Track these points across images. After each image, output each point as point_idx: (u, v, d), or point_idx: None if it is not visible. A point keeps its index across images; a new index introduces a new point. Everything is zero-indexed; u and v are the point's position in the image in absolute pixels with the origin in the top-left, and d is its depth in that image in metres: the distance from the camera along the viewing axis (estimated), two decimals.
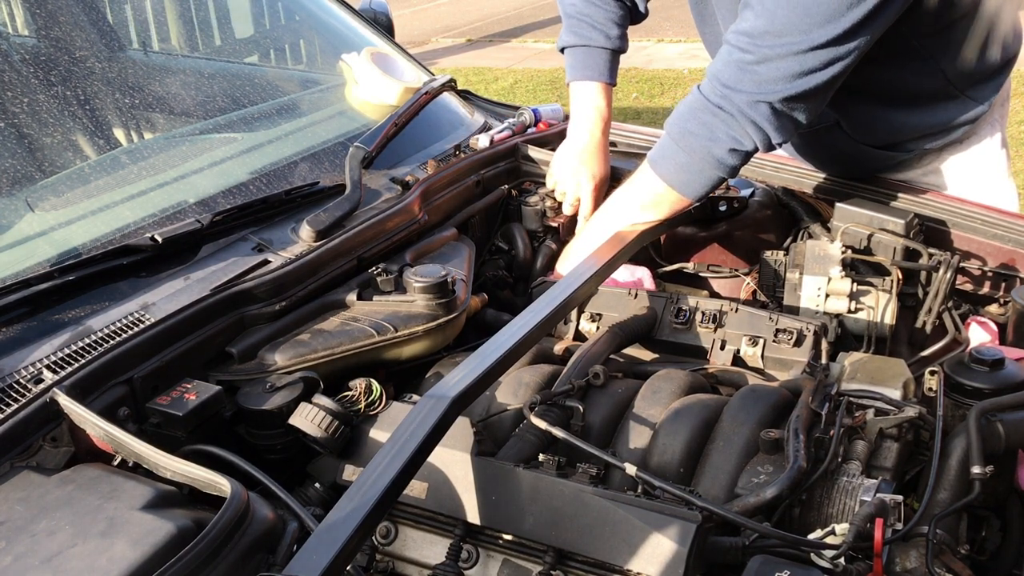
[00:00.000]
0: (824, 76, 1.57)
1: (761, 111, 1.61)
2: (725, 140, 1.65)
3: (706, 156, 1.68)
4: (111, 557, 0.95)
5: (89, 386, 1.21)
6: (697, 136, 1.68)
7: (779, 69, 1.58)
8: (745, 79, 1.62)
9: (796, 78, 1.58)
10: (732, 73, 1.64)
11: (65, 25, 2.07)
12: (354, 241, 1.62)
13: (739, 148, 1.66)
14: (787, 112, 1.62)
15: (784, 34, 1.56)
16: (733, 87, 1.63)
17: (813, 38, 1.54)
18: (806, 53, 1.55)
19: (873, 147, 1.91)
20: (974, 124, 1.91)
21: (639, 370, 1.54)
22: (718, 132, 1.65)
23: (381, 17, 2.61)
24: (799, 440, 1.20)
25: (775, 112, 1.61)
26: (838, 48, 1.54)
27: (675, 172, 1.72)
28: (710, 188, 1.74)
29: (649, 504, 1.11)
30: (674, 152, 1.71)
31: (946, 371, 1.39)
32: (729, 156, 1.67)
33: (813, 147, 2.02)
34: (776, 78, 1.59)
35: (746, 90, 1.62)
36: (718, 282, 2.01)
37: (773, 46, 1.57)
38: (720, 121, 1.65)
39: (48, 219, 1.56)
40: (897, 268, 1.74)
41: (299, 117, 2.06)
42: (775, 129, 1.63)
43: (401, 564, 1.27)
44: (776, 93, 1.60)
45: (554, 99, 7.28)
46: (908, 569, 1.15)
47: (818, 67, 1.56)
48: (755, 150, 1.68)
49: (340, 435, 1.29)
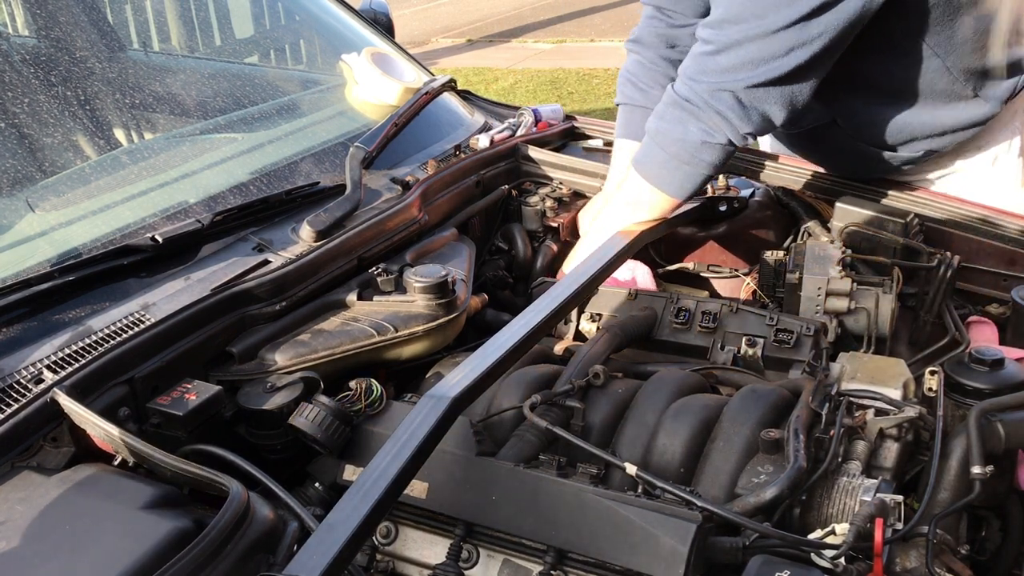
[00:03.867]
0: (787, 64, 1.56)
1: (724, 100, 1.61)
2: (696, 133, 1.65)
3: (681, 152, 1.68)
4: (112, 557, 0.95)
5: (89, 386, 1.21)
6: (671, 132, 1.68)
7: (738, 56, 1.58)
8: (707, 69, 1.63)
9: (757, 65, 1.57)
10: (695, 64, 1.65)
11: (65, 25, 2.07)
12: (354, 241, 1.62)
13: (711, 140, 1.65)
14: (754, 104, 1.61)
15: (741, 20, 1.57)
16: (696, 78, 1.64)
17: (769, 23, 1.54)
18: (764, 39, 1.55)
19: (876, 147, 1.89)
20: (987, 127, 1.88)
21: (639, 370, 1.54)
22: (689, 126, 1.66)
23: (381, 17, 2.61)
24: (799, 440, 1.20)
25: (739, 102, 1.61)
26: (799, 34, 1.53)
27: (656, 171, 1.73)
28: (694, 186, 1.73)
29: (649, 504, 1.11)
30: (653, 150, 1.72)
31: (946, 371, 1.39)
32: (704, 150, 1.67)
33: (815, 146, 2.01)
34: (736, 66, 1.59)
35: (707, 80, 1.63)
36: (718, 282, 2.01)
37: (731, 33, 1.58)
38: (688, 114, 1.66)
39: (48, 219, 1.56)
40: (897, 268, 1.74)
41: (299, 117, 2.06)
42: (740, 119, 1.62)
43: (401, 564, 1.27)
44: (738, 82, 1.59)
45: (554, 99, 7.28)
46: (908, 569, 1.15)
47: (779, 53, 1.55)
48: (729, 144, 1.67)
49: (340, 435, 1.29)
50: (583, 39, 9.71)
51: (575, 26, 10.35)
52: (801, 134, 1.98)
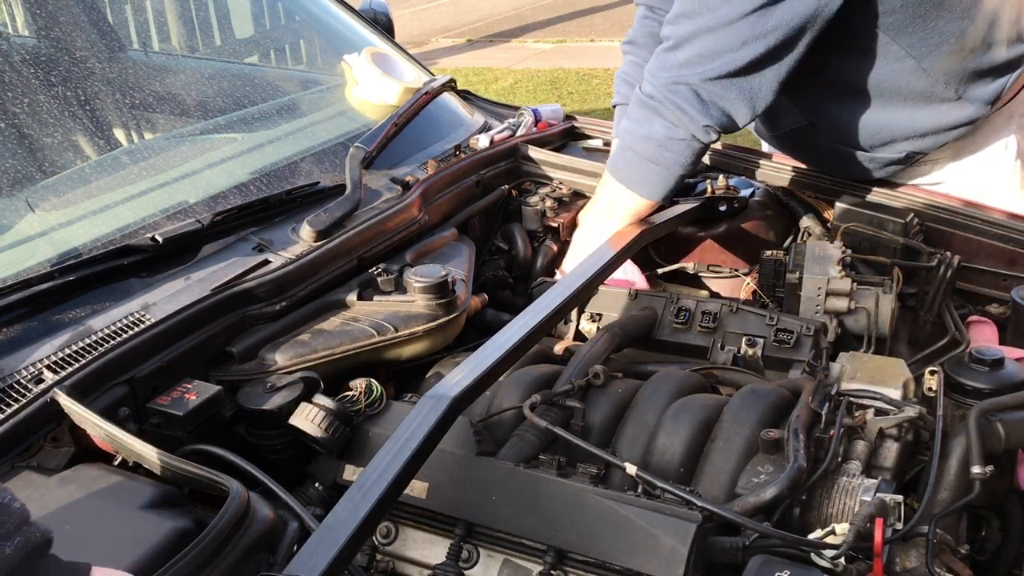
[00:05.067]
0: (741, 58, 1.57)
1: (682, 93, 1.62)
2: (659, 128, 1.66)
3: (648, 150, 1.69)
4: (112, 557, 0.95)
5: (89, 386, 1.21)
6: (638, 131, 1.70)
7: (693, 49, 1.59)
8: (665, 64, 1.65)
9: (712, 58, 1.58)
10: (656, 61, 1.68)
11: (65, 25, 2.07)
12: (354, 241, 1.62)
13: (673, 135, 1.66)
14: (712, 99, 1.61)
15: (695, 14, 1.58)
16: (656, 74, 1.67)
17: (721, 15, 1.55)
18: (717, 31, 1.56)
19: (855, 149, 1.88)
20: (982, 130, 1.87)
21: (639, 370, 1.54)
22: (654, 123, 1.67)
23: (381, 17, 2.61)
24: (799, 440, 1.20)
25: (697, 96, 1.62)
26: (752, 27, 1.54)
27: (627, 172, 1.73)
28: (666, 187, 1.73)
29: (649, 504, 1.11)
30: (623, 150, 1.73)
31: (946, 371, 1.39)
32: (669, 146, 1.67)
33: (799, 149, 2.01)
34: (691, 59, 1.60)
35: (665, 75, 1.64)
36: (718, 282, 2.01)
37: (686, 27, 1.60)
38: (652, 111, 1.67)
39: (48, 219, 1.56)
40: (897, 268, 1.74)
41: (299, 117, 2.06)
42: (699, 112, 1.62)
43: (401, 564, 1.27)
44: (695, 75, 1.60)
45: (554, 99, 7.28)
46: (908, 569, 1.15)
47: (733, 47, 1.56)
48: (691, 139, 1.66)
49: (340, 435, 1.29)
50: (583, 39, 9.71)
51: (575, 26, 10.35)
52: (784, 136, 1.98)
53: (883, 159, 1.88)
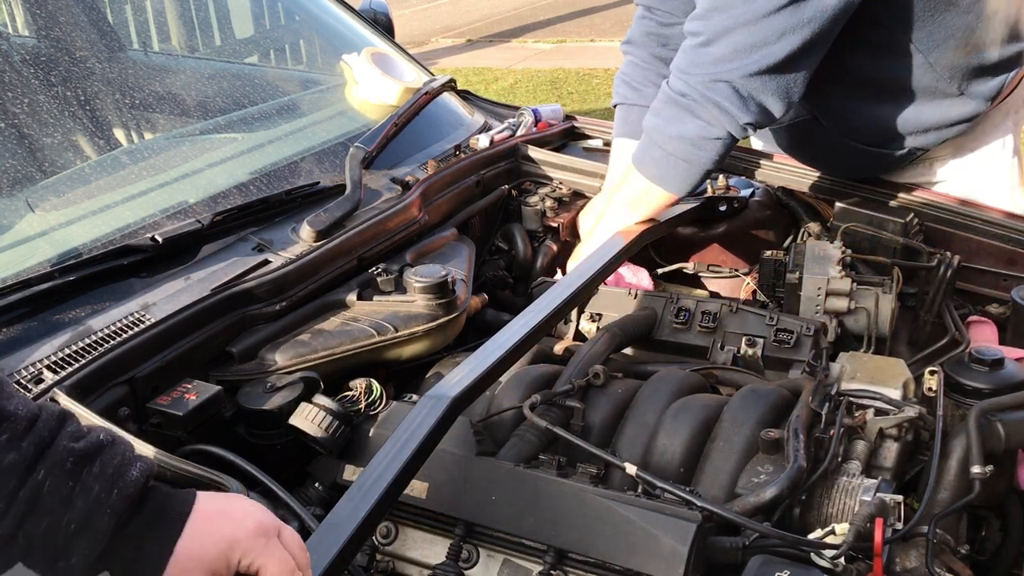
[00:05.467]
0: (781, 50, 1.55)
1: (721, 91, 1.60)
2: (693, 128, 1.64)
3: (679, 149, 1.67)
4: None
5: (89, 386, 1.21)
6: (667, 129, 1.67)
7: (730, 44, 1.57)
8: (700, 60, 1.61)
9: (749, 52, 1.56)
10: (688, 58, 1.64)
11: (65, 25, 2.07)
12: (354, 241, 1.62)
13: (708, 135, 1.64)
14: (752, 94, 1.59)
15: (729, 7, 1.56)
16: (689, 71, 1.63)
17: (758, 7, 1.53)
18: (754, 24, 1.54)
19: (858, 143, 1.88)
20: (980, 127, 1.88)
21: (639, 370, 1.55)
22: (685, 121, 1.64)
23: (381, 17, 2.61)
24: (799, 440, 1.20)
25: (736, 92, 1.59)
26: (788, 19, 1.52)
27: (654, 168, 1.72)
28: (694, 182, 1.72)
29: (649, 504, 1.11)
30: (651, 148, 1.71)
31: (946, 371, 1.39)
32: (701, 146, 1.65)
33: (799, 143, 2.00)
34: (729, 55, 1.57)
35: (701, 72, 1.61)
36: (718, 282, 2.01)
37: (720, 21, 1.57)
38: (684, 109, 1.64)
39: (48, 219, 1.56)
40: (897, 268, 1.74)
41: (299, 117, 2.06)
42: (740, 109, 1.60)
43: (401, 564, 1.27)
44: (733, 71, 1.58)
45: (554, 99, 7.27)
46: (908, 569, 1.15)
47: (771, 40, 1.54)
48: (728, 137, 1.64)
49: (340, 435, 1.29)
50: (583, 39, 9.70)
51: (575, 26, 10.35)
52: (787, 129, 1.97)
53: (885, 155, 1.88)
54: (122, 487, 0.84)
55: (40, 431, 0.83)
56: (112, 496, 0.84)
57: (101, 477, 0.84)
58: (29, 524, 0.81)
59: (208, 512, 0.90)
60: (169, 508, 0.88)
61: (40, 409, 0.85)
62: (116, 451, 0.87)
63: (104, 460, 0.85)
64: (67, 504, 0.82)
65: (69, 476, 0.82)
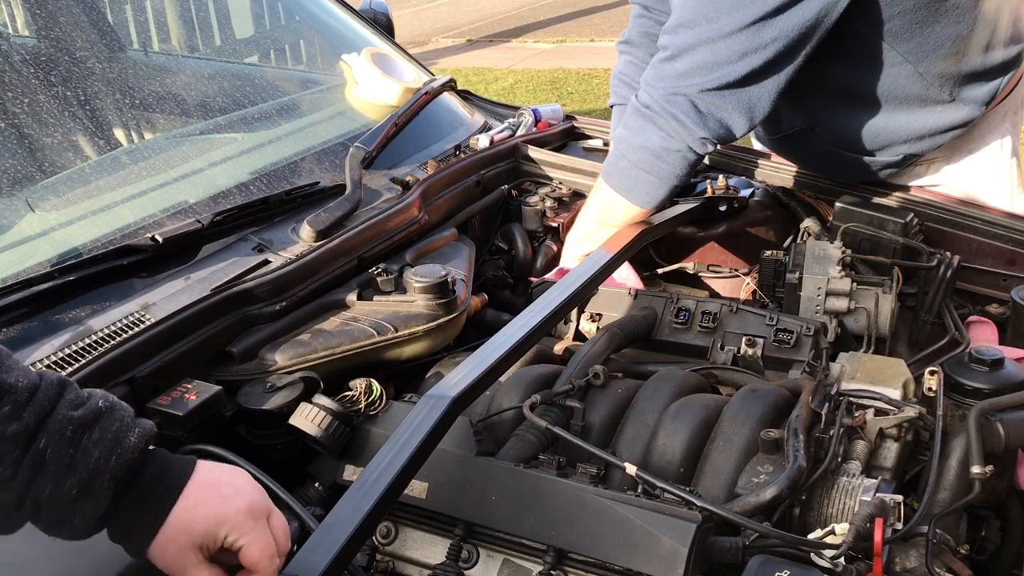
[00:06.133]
0: (740, 69, 1.56)
1: (679, 105, 1.61)
2: (655, 139, 1.65)
3: (642, 160, 1.68)
4: (112, 557, 0.95)
5: (90, 386, 1.20)
6: (632, 140, 1.69)
7: (692, 60, 1.58)
8: (663, 74, 1.63)
9: (710, 70, 1.57)
10: (654, 71, 1.66)
11: (65, 25, 2.07)
12: (354, 241, 1.62)
13: (669, 147, 1.65)
14: (711, 110, 1.61)
15: (694, 24, 1.57)
16: (653, 84, 1.65)
17: (721, 26, 1.54)
18: (716, 43, 1.55)
19: (853, 152, 1.87)
20: (976, 131, 1.87)
21: (639, 370, 1.55)
22: (648, 132, 1.66)
23: (381, 17, 2.61)
24: (799, 440, 1.20)
25: (694, 107, 1.60)
26: (751, 39, 1.53)
27: (621, 179, 1.73)
28: (661, 195, 1.73)
29: (649, 504, 1.11)
30: (617, 159, 1.73)
31: (946, 371, 1.39)
32: (664, 157, 1.66)
33: (797, 152, 2.01)
34: (690, 70, 1.59)
35: (663, 85, 1.63)
36: (718, 282, 2.01)
37: (685, 38, 1.58)
38: (648, 121, 1.66)
39: (49, 219, 1.56)
40: (897, 268, 1.74)
41: (299, 117, 2.06)
42: (696, 124, 1.61)
43: (401, 564, 1.27)
44: (693, 86, 1.59)
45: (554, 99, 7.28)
46: (908, 569, 1.15)
47: (732, 59, 1.55)
48: (687, 150, 1.65)
49: (340, 435, 1.29)
50: (583, 39, 9.71)
51: (575, 26, 10.35)
52: (782, 140, 1.98)
53: (880, 162, 1.88)
54: (120, 453, 0.88)
55: (40, 401, 0.85)
56: (111, 462, 0.87)
57: (101, 443, 0.87)
58: (34, 488, 0.84)
59: (204, 483, 0.93)
60: (166, 475, 0.92)
61: (41, 378, 0.88)
62: (115, 417, 0.89)
63: (103, 426, 0.88)
64: (68, 470, 0.85)
65: (69, 444, 0.85)
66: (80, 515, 0.86)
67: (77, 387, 0.90)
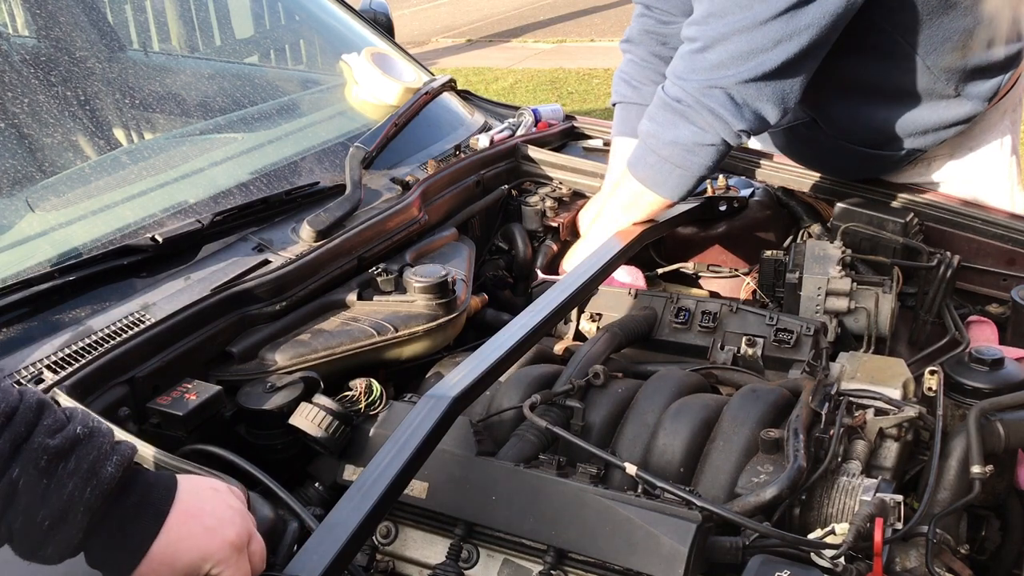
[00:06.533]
0: (776, 58, 1.54)
1: (716, 98, 1.59)
2: (687, 134, 1.63)
3: (673, 155, 1.66)
4: None
5: (89, 386, 1.21)
6: (662, 135, 1.66)
7: (726, 51, 1.56)
8: (696, 66, 1.60)
9: (745, 59, 1.55)
10: (684, 63, 1.63)
11: (65, 25, 2.07)
12: (354, 241, 1.62)
13: (702, 141, 1.63)
14: (747, 101, 1.59)
15: (726, 13, 1.55)
16: (685, 77, 1.62)
17: (756, 14, 1.52)
18: (751, 31, 1.53)
19: (856, 145, 1.87)
20: (976, 127, 1.88)
21: (639, 370, 1.55)
22: (680, 127, 1.64)
23: (381, 17, 2.61)
24: (799, 440, 1.20)
25: (731, 99, 1.58)
26: (786, 25, 1.52)
27: (649, 173, 1.71)
28: (688, 187, 1.71)
29: (649, 504, 1.11)
30: (645, 153, 1.71)
31: (946, 371, 1.39)
32: (696, 152, 1.65)
33: (797, 145, 2.00)
34: (725, 61, 1.57)
35: (697, 77, 1.60)
36: (718, 282, 2.01)
37: (717, 27, 1.56)
38: (679, 115, 1.63)
39: (49, 219, 1.56)
40: (897, 268, 1.74)
41: (299, 117, 2.06)
42: (734, 116, 1.59)
43: (401, 564, 1.27)
44: (728, 78, 1.57)
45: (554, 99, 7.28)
46: (908, 569, 1.15)
47: (767, 46, 1.53)
48: (722, 143, 1.64)
49: (340, 435, 1.29)
50: (583, 39, 9.71)
51: (575, 26, 10.35)
52: (785, 132, 1.97)
53: (884, 156, 1.88)
54: (96, 484, 0.85)
55: (16, 427, 0.83)
56: (86, 493, 0.85)
57: (76, 474, 0.85)
58: (7, 518, 0.82)
59: (187, 513, 0.91)
60: (147, 504, 0.90)
61: (21, 398, 0.85)
62: (93, 444, 0.87)
63: (80, 455, 0.86)
64: (42, 501, 0.83)
65: (43, 474, 0.83)
66: (54, 545, 0.84)
67: (57, 409, 0.88)
